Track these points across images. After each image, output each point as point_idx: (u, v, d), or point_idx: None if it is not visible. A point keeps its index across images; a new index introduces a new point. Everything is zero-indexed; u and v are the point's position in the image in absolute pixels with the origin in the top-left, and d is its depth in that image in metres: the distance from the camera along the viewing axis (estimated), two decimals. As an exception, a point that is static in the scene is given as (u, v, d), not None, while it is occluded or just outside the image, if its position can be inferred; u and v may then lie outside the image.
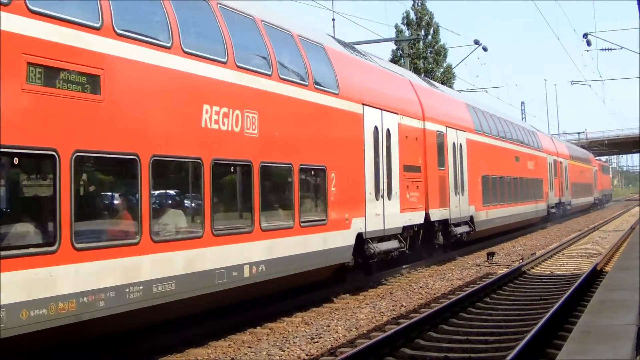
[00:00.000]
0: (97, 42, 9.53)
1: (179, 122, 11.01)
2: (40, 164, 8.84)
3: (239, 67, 12.48)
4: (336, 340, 12.19)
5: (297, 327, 13.58)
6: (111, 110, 9.63)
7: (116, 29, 9.84)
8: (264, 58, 13.50)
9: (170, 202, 11.27)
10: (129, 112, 10.01)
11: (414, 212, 20.30)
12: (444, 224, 23.18)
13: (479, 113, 29.47)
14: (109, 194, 10.33)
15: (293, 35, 14.95)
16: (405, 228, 19.64)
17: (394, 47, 54.36)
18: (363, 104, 17.27)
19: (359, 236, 16.75)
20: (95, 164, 9.73)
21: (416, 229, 20.82)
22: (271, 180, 13.71)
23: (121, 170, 10.27)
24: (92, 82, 9.34)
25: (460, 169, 25.00)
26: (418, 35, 54.46)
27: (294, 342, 12.01)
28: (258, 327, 13.46)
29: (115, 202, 10.31)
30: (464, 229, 24.99)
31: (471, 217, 25.99)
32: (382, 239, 18.09)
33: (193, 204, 11.52)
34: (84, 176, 9.49)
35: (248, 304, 13.60)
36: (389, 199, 18.53)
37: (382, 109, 18.37)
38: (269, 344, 12.04)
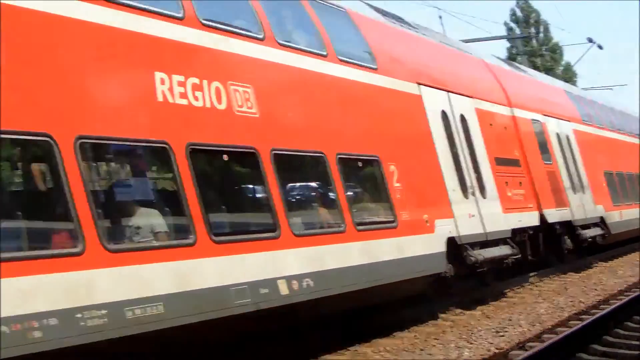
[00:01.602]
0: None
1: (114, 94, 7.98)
2: None
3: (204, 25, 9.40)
4: (521, 334, 11.76)
5: (479, 320, 13.22)
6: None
7: None
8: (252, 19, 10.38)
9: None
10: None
11: (523, 213, 16.48)
12: (568, 226, 19.10)
13: (585, 102, 25.37)
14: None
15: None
16: (516, 231, 15.84)
17: (505, 45, 53.00)
18: (419, 84, 13.91)
19: (451, 241, 13.15)
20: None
21: (531, 232, 16.93)
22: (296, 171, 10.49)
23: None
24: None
25: (573, 163, 20.94)
26: (529, 33, 52.89)
27: (479, 335, 11.74)
28: (439, 320, 13.13)
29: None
30: (595, 231, 20.69)
31: (601, 218, 21.67)
32: (485, 244, 14.37)
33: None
34: None
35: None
36: (484, 197, 14.84)
37: (448, 91, 14.92)
38: (454, 336, 11.79)
